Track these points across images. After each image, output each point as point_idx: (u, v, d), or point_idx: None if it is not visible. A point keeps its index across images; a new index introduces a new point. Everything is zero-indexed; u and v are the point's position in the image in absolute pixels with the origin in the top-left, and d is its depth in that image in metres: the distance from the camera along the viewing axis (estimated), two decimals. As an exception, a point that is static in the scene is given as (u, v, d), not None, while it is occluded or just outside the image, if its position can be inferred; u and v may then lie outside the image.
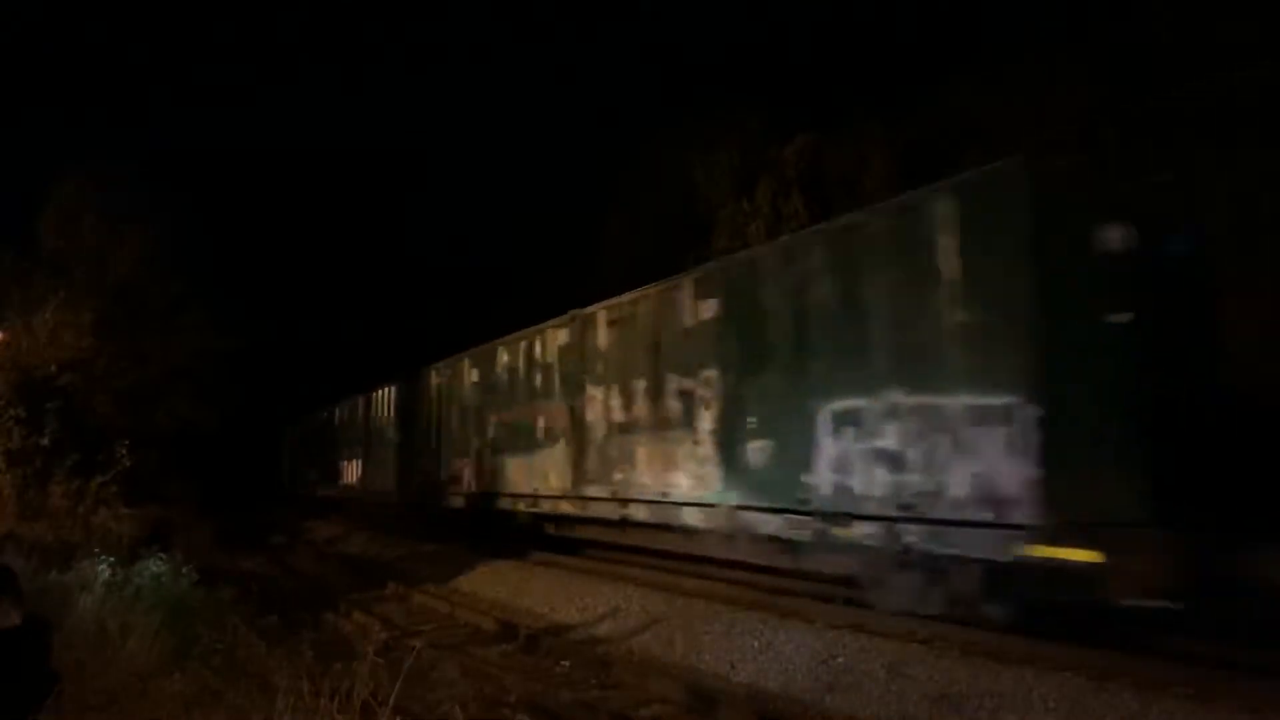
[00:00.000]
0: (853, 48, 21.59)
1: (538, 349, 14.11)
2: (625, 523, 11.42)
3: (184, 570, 9.11)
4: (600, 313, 12.37)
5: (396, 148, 61.67)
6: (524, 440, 14.26)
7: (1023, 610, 6.79)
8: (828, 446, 8.02)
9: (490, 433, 15.70)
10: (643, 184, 22.54)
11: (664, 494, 10.47)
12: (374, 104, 64.16)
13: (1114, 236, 6.46)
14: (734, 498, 9.28)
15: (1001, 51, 15.60)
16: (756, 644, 7.88)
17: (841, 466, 7.87)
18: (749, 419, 9.09)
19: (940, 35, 18.72)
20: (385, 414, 22.96)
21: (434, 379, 19.07)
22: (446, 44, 56.69)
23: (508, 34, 56.87)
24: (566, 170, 39.48)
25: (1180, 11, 12.85)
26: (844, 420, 7.86)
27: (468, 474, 16.50)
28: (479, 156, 52.31)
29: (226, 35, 63.02)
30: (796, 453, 8.37)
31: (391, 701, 4.66)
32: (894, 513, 7.28)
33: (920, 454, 7.08)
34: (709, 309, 9.99)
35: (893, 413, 7.34)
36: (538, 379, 14.06)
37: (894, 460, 7.32)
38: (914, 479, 7.11)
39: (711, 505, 9.61)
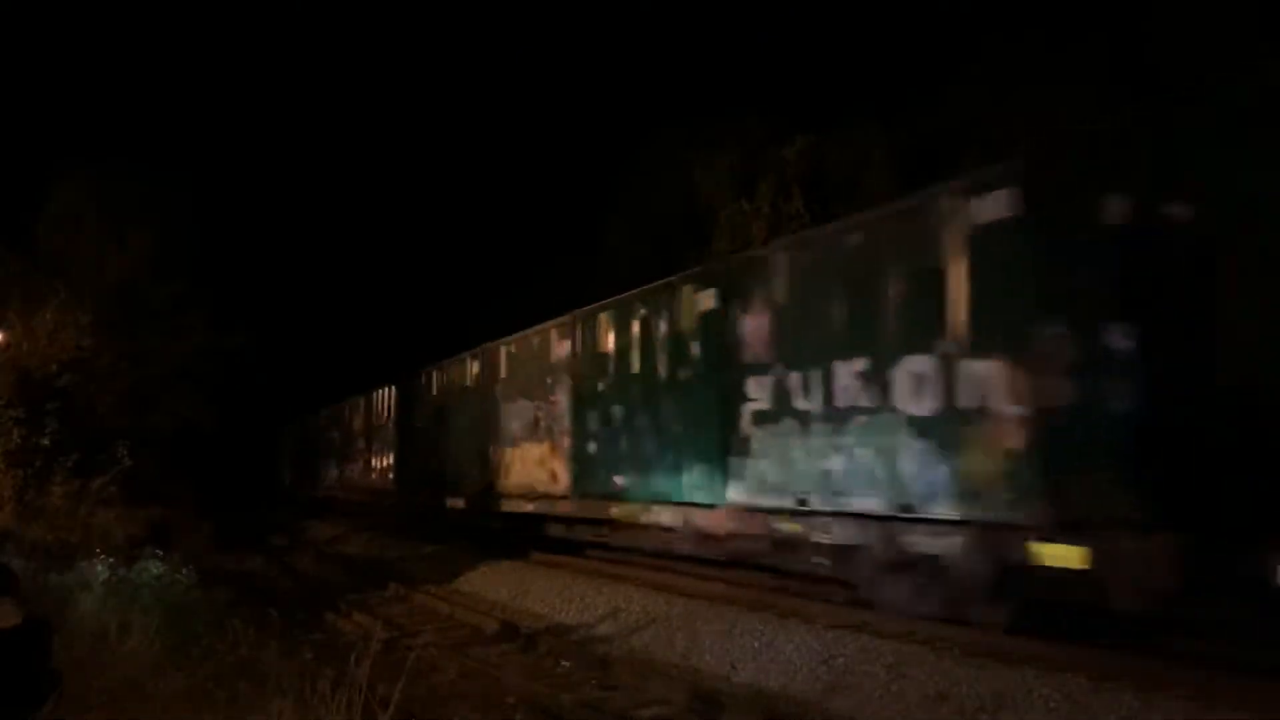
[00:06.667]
0: (853, 48, 21.62)
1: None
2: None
3: (183, 570, 9.12)
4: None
5: (396, 147, 61.67)
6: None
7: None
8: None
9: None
10: (643, 184, 22.55)
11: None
12: (374, 104, 64.21)
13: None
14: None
15: (1001, 52, 15.61)
16: (757, 644, 7.88)
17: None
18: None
19: (940, 36, 18.74)
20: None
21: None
22: (447, 43, 56.71)
23: (508, 33, 56.90)
24: (566, 171, 39.43)
25: (1179, 10, 12.87)
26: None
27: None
28: (479, 156, 52.28)
29: (227, 32, 63.04)
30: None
31: (393, 702, 4.66)
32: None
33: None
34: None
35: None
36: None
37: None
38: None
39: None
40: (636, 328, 11.33)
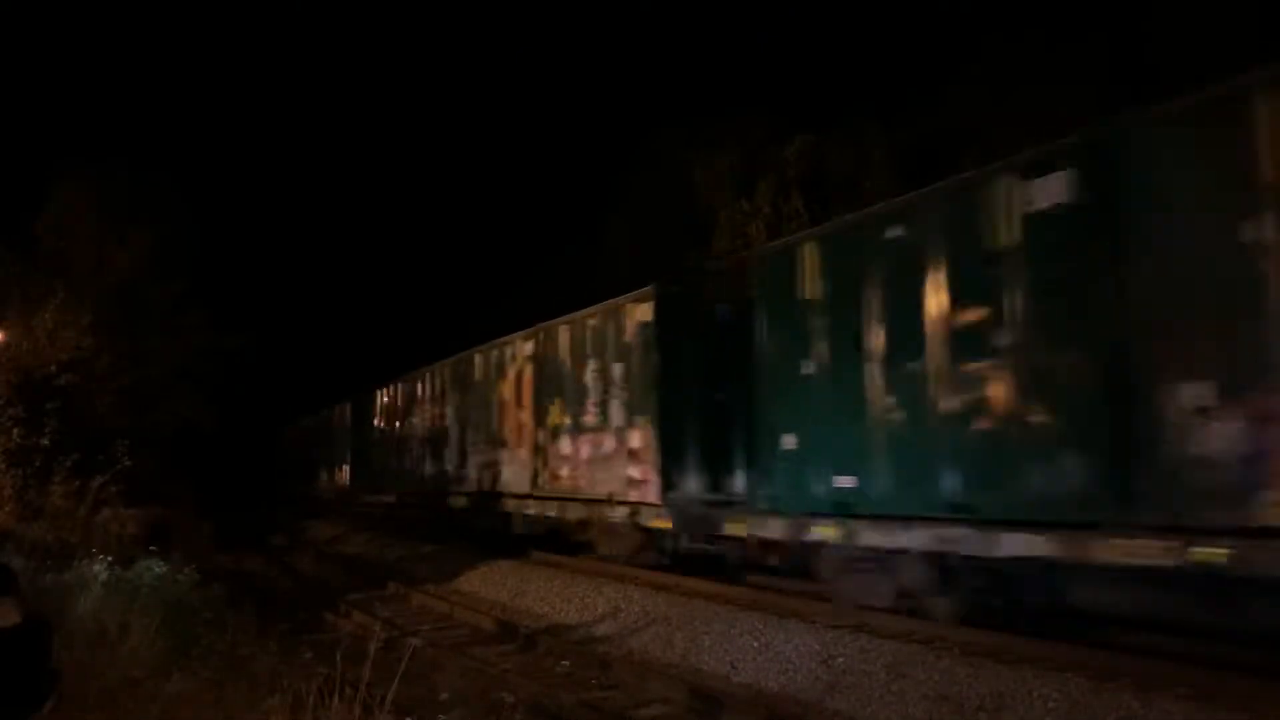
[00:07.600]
0: (853, 48, 21.64)
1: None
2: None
3: (183, 570, 9.11)
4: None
5: (397, 147, 61.67)
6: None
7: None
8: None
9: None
10: (643, 184, 22.57)
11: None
12: (374, 104, 64.18)
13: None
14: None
15: (1001, 52, 15.62)
16: (756, 644, 7.88)
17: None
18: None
19: (940, 36, 18.75)
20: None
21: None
22: (447, 43, 56.71)
23: (508, 33, 56.88)
24: (567, 170, 39.44)
25: (1179, 10, 12.87)
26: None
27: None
28: (479, 156, 52.29)
29: (226, 32, 63.03)
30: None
31: (390, 700, 4.66)
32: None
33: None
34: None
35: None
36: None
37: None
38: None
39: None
40: None
